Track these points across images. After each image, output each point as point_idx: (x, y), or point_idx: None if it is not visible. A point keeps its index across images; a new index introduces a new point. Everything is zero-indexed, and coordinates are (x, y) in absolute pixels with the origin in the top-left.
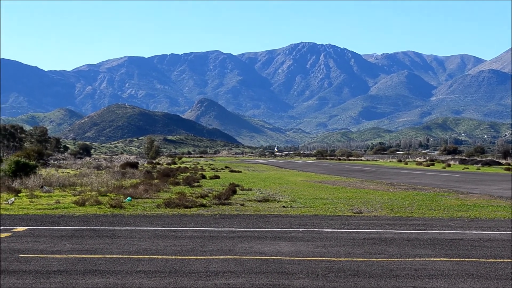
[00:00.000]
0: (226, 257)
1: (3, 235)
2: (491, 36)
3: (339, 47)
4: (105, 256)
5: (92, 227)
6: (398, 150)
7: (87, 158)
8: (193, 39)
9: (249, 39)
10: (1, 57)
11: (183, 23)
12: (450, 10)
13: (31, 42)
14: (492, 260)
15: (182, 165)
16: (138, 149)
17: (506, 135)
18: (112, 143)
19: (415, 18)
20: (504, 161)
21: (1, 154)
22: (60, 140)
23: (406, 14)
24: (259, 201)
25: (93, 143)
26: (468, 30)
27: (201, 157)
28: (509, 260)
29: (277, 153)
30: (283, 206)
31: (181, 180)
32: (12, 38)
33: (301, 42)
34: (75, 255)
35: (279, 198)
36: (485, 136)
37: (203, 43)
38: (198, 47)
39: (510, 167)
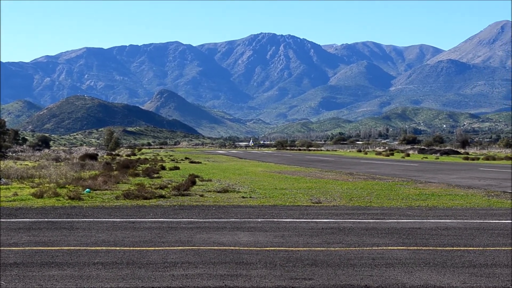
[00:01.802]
0: (185, 248)
1: None
2: (449, 27)
3: (299, 38)
4: (62, 248)
5: (50, 219)
6: (358, 140)
7: (46, 150)
8: (152, 30)
9: (208, 30)
10: None
11: (143, 14)
12: (408, 0)
13: None
14: (449, 248)
15: (142, 157)
16: (98, 141)
17: (464, 124)
18: (71, 134)
19: (374, 8)
20: (462, 150)
21: None
22: (19, 132)
23: (365, 5)
24: (218, 192)
25: (52, 135)
26: (426, 20)
27: (161, 148)
28: (465, 248)
29: (252, 146)
30: (243, 197)
31: (140, 171)
32: None
33: (261, 33)
34: (32, 247)
35: (238, 189)
36: (444, 125)
37: (163, 34)
38: (158, 38)
39: (469, 156)
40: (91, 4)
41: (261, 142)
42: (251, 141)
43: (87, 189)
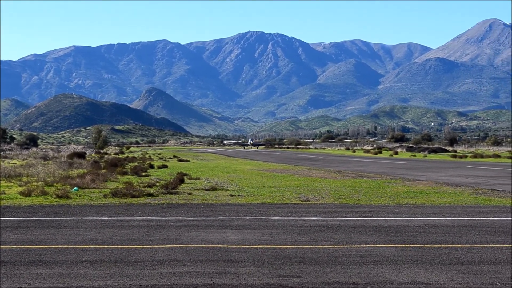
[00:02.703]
0: (173, 246)
1: None
2: (437, 25)
3: (287, 36)
4: (50, 246)
5: (37, 218)
6: (346, 138)
7: (34, 149)
8: (140, 28)
9: (197, 28)
10: None
11: (131, 12)
12: None
13: None
14: (437, 245)
15: (130, 155)
16: (86, 139)
17: (452, 122)
18: (59, 133)
19: (362, 7)
20: (450, 148)
21: None
22: (6, 130)
23: (353, 3)
24: (206, 190)
25: (40, 134)
26: (414, 18)
27: (149, 146)
28: (453, 245)
29: (251, 145)
30: (231, 195)
31: (128, 169)
32: None
33: (249, 31)
34: (20, 246)
35: (226, 187)
36: (432, 123)
37: (151, 32)
38: (146, 36)
39: (456, 154)
40: (79, 3)
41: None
42: (250, 139)
43: (75, 188)
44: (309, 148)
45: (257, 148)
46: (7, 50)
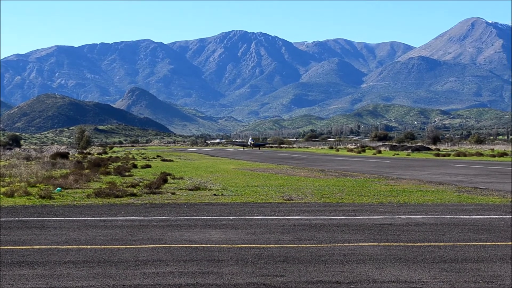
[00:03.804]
0: (156, 245)
1: None
2: (420, 23)
3: (270, 35)
4: (33, 247)
5: (20, 218)
6: (330, 137)
7: (17, 149)
8: (123, 28)
9: (180, 27)
10: None
11: (113, 12)
12: None
13: None
14: (420, 244)
15: (113, 155)
16: (69, 139)
17: (435, 121)
18: (42, 133)
19: (345, 5)
20: (433, 147)
21: None
22: None
23: (336, 2)
24: (190, 190)
25: (23, 134)
26: (397, 17)
27: (133, 146)
28: (435, 243)
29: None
30: (214, 194)
31: (112, 169)
32: None
33: (232, 31)
34: (2, 247)
35: (210, 186)
36: (415, 122)
37: (134, 32)
38: (129, 36)
39: (440, 152)
40: (62, 2)
41: (234, 140)
42: (250, 139)
43: (58, 188)
44: (293, 147)
45: (259, 149)
46: None
